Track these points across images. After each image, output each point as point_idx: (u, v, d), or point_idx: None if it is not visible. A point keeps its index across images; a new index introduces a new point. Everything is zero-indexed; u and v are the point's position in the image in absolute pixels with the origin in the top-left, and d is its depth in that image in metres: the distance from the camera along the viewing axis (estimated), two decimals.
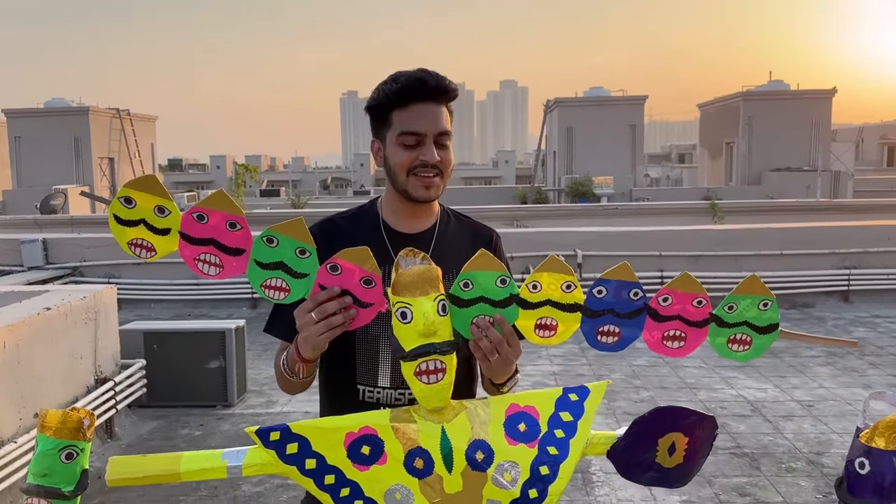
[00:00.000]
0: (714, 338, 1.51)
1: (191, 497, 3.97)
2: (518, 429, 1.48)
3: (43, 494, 1.55)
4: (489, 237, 1.75)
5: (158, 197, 1.42)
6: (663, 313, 1.48)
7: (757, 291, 1.50)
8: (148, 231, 1.43)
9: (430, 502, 1.41)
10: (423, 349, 1.38)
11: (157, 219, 1.42)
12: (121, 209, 1.42)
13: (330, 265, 1.44)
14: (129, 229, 1.43)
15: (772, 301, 1.51)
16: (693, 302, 1.48)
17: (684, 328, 1.49)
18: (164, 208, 1.42)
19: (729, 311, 1.49)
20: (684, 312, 1.48)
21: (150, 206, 1.42)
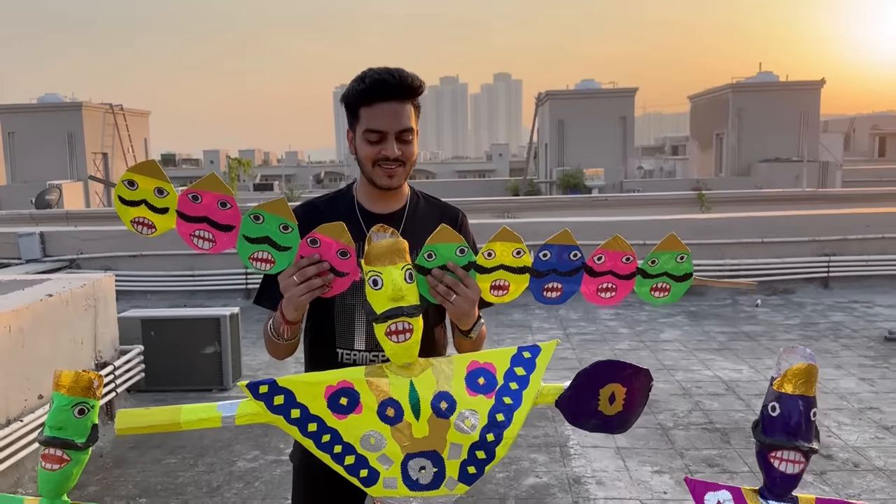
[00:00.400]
0: (640, 287, 1.73)
1: (189, 472, 4.17)
2: (478, 382, 1.68)
3: (59, 445, 1.75)
4: (455, 216, 1.96)
5: (158, 180, 1.62)
6: (598, 269, 1.70)
7: (675, 247, 1.71)
8: (149, 210, 1.63)
9: (400, 446, 1.61)
10: (393, 312, 1.59)
11: (157, 199, 1.62)
12: (124, 191, 1.62)
13: (310, 239, 1.64)
14: (131, 209, 1.63)
15: (687, 255, 1.72)
16: (622, 259, 1.70)
17: (615, 281, 1.72)
18: (163, 190, 1.62)
19: (652, 264, 1.71)
20: (615, 268, 1.70)
21: (150, 188, 1.62)
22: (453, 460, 1.62)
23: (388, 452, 1.61)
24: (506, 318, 7.93)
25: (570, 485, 3.87)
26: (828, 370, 5.83)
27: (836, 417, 4.80)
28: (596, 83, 27.48)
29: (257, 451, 4.43)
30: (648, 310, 8.21)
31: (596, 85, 27.35)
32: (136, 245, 9.40)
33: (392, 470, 1.61)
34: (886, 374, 5.71)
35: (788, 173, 21.36)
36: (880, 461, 4.11)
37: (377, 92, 1.73)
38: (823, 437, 4.46)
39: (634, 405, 1.73)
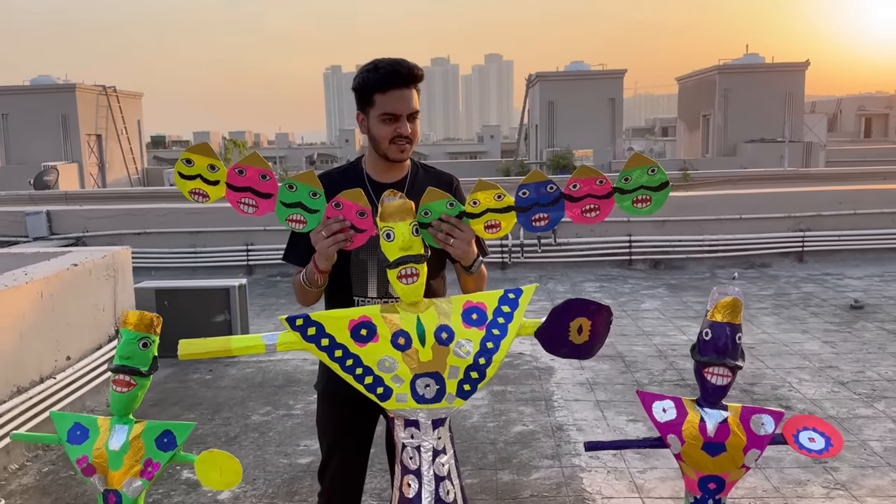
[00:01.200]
0: (621, 203, 2.02)
1: (207, 425, 4.57)
2: (471, 317, 2.08)
3: (127, 372, 2.16)
4: (450, 181, 2.34)
5: (210, 158, 2.02)
6: (576, 195, 2.02)
7: (642, 163, 2.00)
8: (203, 183, 2.02)
9: (409, 368, 2.00)
10: (402, 259, 1.98)
11: (210, 174, 2.02)
12: (183, 168, 2.01)
13: (334, 202, 2.04)
14: (189, 182, 2.02)
15: (657, 167, 2.00)
16: (596, 182, 2.01)
17: (595, 201, 2.02)
18: (214, 166, 2.01)
19: (626, 181, 2.00)
20: (592, 191, 2.01)
21: (204, 165, 2.01)
22: (452, 379, 2.01)
23: (400, 373, 1.99)
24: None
25: (553, 431, 4.30)
26: (795, 335, 6.28)
27: (797, 375, 5.24)
28: (586, 65, 27.79)
29: (269, 407, 4.84)
30: (632, 282, 8.65)
31: (586, 67, 27.66)
32: (140, 223, 9.75)
33: (403, 387, 2.00)
34: (848, 337, 6.16)
35: (773, 153, 21.80)
36: (833, 411, 4.56)
37: (391, 80, 2.10)
38: (784, 392, 4.91)
39: (598, 335, 2.13)
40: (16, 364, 4.13)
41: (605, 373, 5.35)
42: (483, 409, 4.67)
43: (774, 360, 5.59)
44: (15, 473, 3.96)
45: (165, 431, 2.18)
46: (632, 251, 9.49)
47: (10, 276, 4.37)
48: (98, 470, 2.12)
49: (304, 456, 4.07)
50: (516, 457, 3.98)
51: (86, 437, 2.17)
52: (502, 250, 9.51)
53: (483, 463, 3.91)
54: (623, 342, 6.15)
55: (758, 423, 2.00)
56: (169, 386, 5.30)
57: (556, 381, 5.18)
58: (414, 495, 1.99)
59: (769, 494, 3.54)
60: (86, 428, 2.19)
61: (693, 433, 1.99)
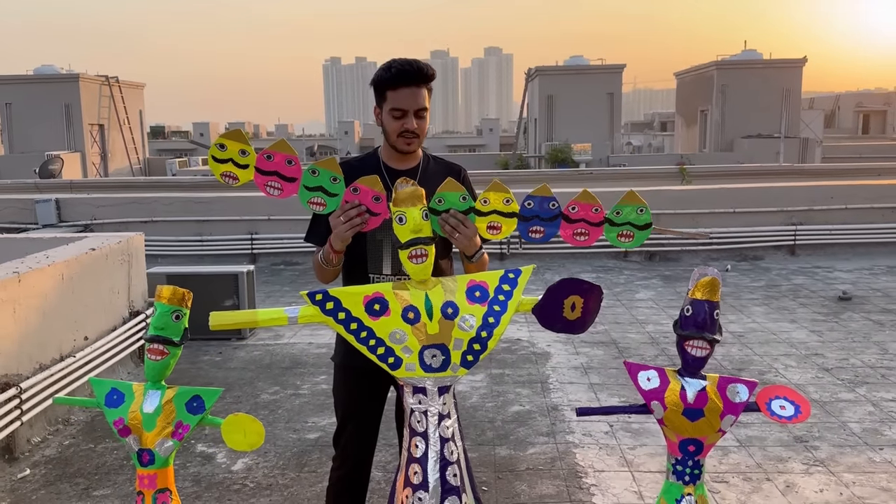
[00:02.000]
0: (608, 233, 2.27)
1: (218, 403, 4.77)
2: (475, 294, 2.29)
3: (161, 341, 2.37)
4: (458, 171, 2.56)
5: (241, 143, 2.22)
6: (573, 217, 2.27)
7: (635, 201, 2.27)
8: (234, 167, 2.23)
9: (418, 339, 2.21)
10: (413, 241, 2.19)
11: (241, 158, 2.23)
12: (217, 152, 2.22)
13: (353, 188, 2.25)
14: (221, 165, 2.23)
15: (645, 208, 2.26)
16: (592, 209, 2.27)
17: (587, 227, 2.27)
18: (245, 151, 2.22)
19: (617, 215, 2.27)
20: (587, 217, 2.27)
21: (236, 150, 2.22)
22: (457, 351, 2.22)
23: (409, 345, 2.20)
24: None
25: (549, 411, 4.52)
26: (783, 324, 6.51)
27: (784, 361, 5.47)
28: (585, 59, 27.95)
29: (277, 387, 5.06)
30: (627, 273, 8.87)
31: (585, 61, 27.82)
32: (147, 211, 9.94)
33: (412, 357, 2.21)
34: (834, 327, 6.39)
35: (770, 149, 22.01)
36: (816, 395, 4.79)
37: (401, 79, 2.32)
38: (771, 377, 5.14)
39: (590, 312, 2.33)
40: (39, 342, 4.34)
41: (599, 358, 5.57)
42: (482, 391, 4.89)
43: (762, 347, 5.82)
44: (38, 446, 4.17)
45: (195, 396, 2.39)
46: None
47: (33, 258, 4.57)
48: (133, 431, 2.33)
49: (313, 431, 4.29)
50: (513, 434, 4.20)
51: (122, 401, 2.38)
52: (501, 241, 9.72)
53: (482, 439, 4.13)
54: (617, 329, 6.37)
55: (733, 392, 2.21)
56: (181, 366, 5.50)
57: (552, 366, 5.40)
58: (421, 455, 2.20)
59: (752, 469, 3.76)
60: (122, 393, 2.40)
61: (674, 400, 2.20)
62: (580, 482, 3.63)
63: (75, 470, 3.88)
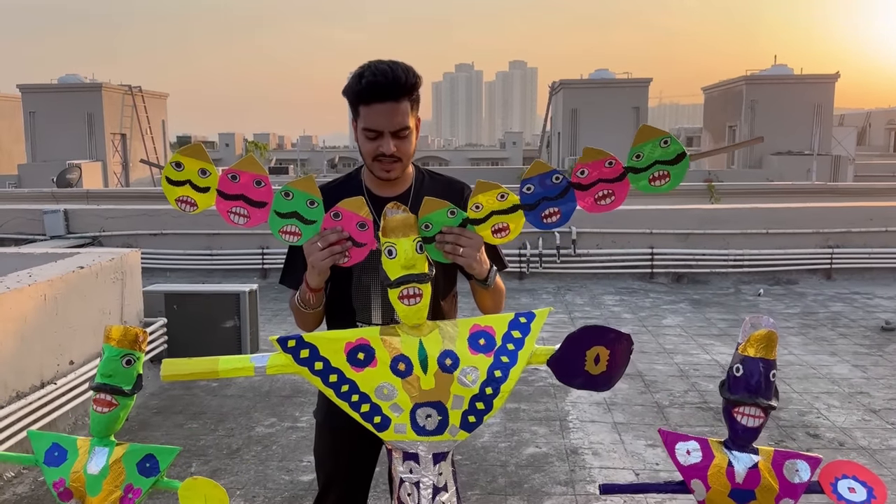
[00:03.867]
0: (636, 182, 1.80)
1: (210, 436, 4.44)
2: (478, 342, 1.91)
3: (108, 391, 2.01)
4: (460, 189, 2.15)
5: (202, 161, 1.86)
6: (586, 183, 1.81)
7: (653, 135, 1.79)
8: (192, 189, 1.86)
9: (409, 396, 1.84)
10: (405, 278, 1.82)
11: (200, 179, 1.86)
12: (171, 172, 1.85)
13: (333, 212, 1.87)
14: (177, 188, 1.86)
15: (670, 137, 1.78)
16: (605, 164, 1.80)
17: (608, 186, 1.81)
18: (206, 171, 1.85)
19: (637, 159, 1.79)
20: (602, 175, 1.80)
21: (195, 169, 1.85)
22: (456, 410, 1.84)
23: (399, 402, 1.83)
24: (513, 301, 8.16)
25: (568, 455, 4.11)
26: (823, 357, 6.03)
27: (826, 400, 5.01)
28: (610, 73, 27.51)
29: (274, 419, 4.70)
30: (653, 297, 8.42)
31: (610, 75, 27.38)
32: (157, 224, 9.69)
33: (402, 417, 1.83)
34: (879, 361, 5.91)
35: (800, 166, 21.39)
36: (864, 441, 4.33)
37: (372, 93, 1.85)
38: (812, 419, 4.68)
39: (617, 366, 1.95)
40: (16, 368, 4.02)
41: (624, 392, 5.15)
42: (495, 428, 4.49)
43: (801, 383, 5.36)
44: (10, 482, 3.85)
45: (148, 456, 2.03)
46: (654, 264, 9.25)
47: (14, 277, 4.27)
48: (75, 495, 1.98)
49: (307, 473, 3.92)
50: (527, 481, 3.79)
51: (63, 459, 2.02)
52: (520, 260, 9.32)
53: (492, 487, 3.73)
54: (643, 360, 5.93)
55: (792, 470, 1.81)
56: (174, 393, 5.18)
57: (572, 400, 4.98)
58: None
59: None
60: (64, 449, 2.04)
61: (720, 478, 1.81)
62: None
63: None
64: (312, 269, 1.87)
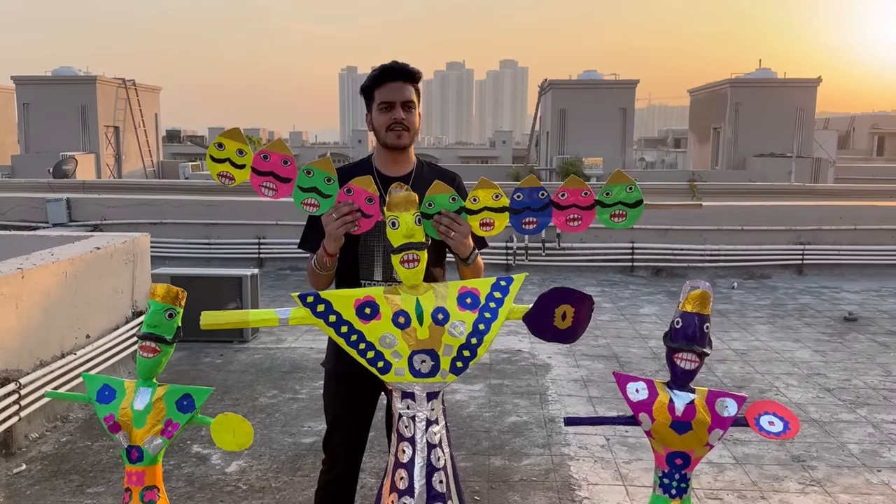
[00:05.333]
0: (601, 215, 2.27)
1: (216, 406, 4.80)
2: (466, 301, 2.29)
3: (154, 339, 2.39)
4: (452, 177, 2.57)
5: (239, 143, 2.25)
6: (563, 204, 2.27)
7: (623, 180, 2.26)
8: (231, 166, 2.25)
9: (408, 344, 2.22)
10: (406, 245, 2.20)
11: (238, 157, 2.25)
12: (215, 151, 2.24)
13: (346, 188, 2.26)
14: (218, 165, 2.25)
15: (634, 185, 2.25)
16: (581, 193, 2.26)
17: (579, 212, 2.27)
18: (243, 151, 2.24)
19: (606, 196, 2.26)
20: (577, 202, 2.26)
21: (233, 150, 2.24)
22: (446, 356, 2.22)
23: (399, 349, 2.21)
24: None
25: (546, 423, 4.51)
26: (787, 343, 6.46)
27: (786, 380, 5.43)
28: (598, 74, 27.96)
29: (276, 391, 5.07)
30: (633, 288, 8.84)
31: (599, 76, 27.84)
32: (156, 213, 10.01)
33: (401, 362, 2.21)
34: (839, 347, 6.34)
35: (782, 168, 21.90)
36: (816, 415, 4.75)
37: (386, 75, 2.41)
38: (771, 396, 5.10)
39: (581, 321, 2.33)
40: (39, 338, 4.37)
41: (600, 371, 5.55)
42: (480, 401, 4.88)
43: (764, 365, 5.78)
44: (35, 442, 4.20)
45: (185, 395, 2.41)
46: (634, 258, 9.69)
47: (38, 255, 4.62)
48: (123, 427, 2.34)
49: (308, 436, 4.30)
50: (509, 444, 4.19)
51: (113, 398, 2.39)
52: (507, 252, 9.72)
53: (477, 449, 4.12)
54: (619, 343, 6.35)
55: (722, 406, 2.20)
56: (181, 368, 5.54)
57: (552, 378, 5.39)
58: (408, 460, 2.20)
59: (747, 488, 3.74)
60: (113, 389, 2.41)
61: (663, 412, 2.20)
62: (573, 495, 3.61)
63: (70, 467, 3.90)
64: (329, 236, 2.26)
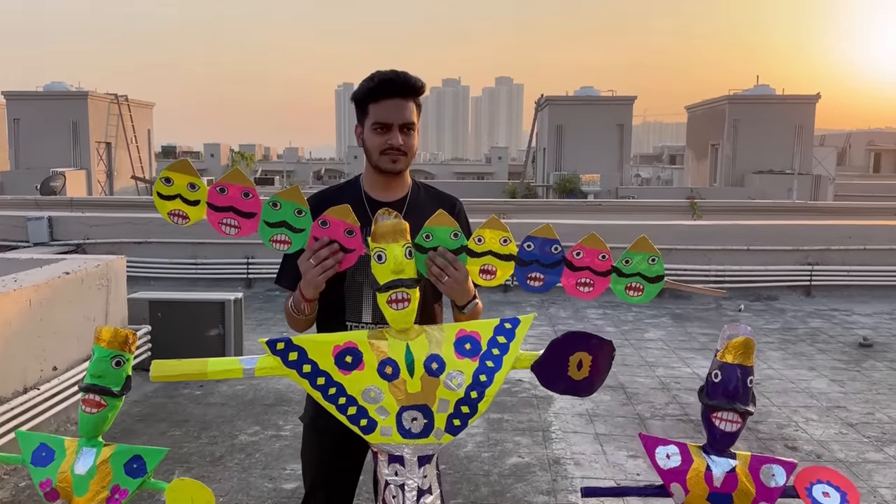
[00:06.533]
0: (615, 285, 1.95)
1: (193, 444, 4.43)
2: (464, 347, 1.94)
3: (98, 391, 2.03)
4: (452, 203, 2.22)
5: (190, 176, 1.90)
6: (577, 264, 1.95)
7: (646, 249, 1.95)
8: (183, 203, 1.91)
9: (396, 399, 1.87)
10: (393, 283, 1.86)
11: (190, 193, 1.91)
12: (162, 187, 1.90)
13: (321, 220, 1.92)
14: (168, 202, 1.91)
15: (658, 257, 1.94)
16: (599, 256, 1.94)
17: (592, 277, 1.95)
18: (195, 185, 1.90)
19: (626, 264, 1.94)
20: (592, 264, 1.94)
21: (184, 184, 1.90)
22: (441, 413, 1.88)
23: (386, 405, 1.86)
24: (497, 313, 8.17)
25: (550, 465, 4.15)
26: (802, 371, 6.12)
27: (804, 414, 5.08)
28: (595, 90, 27.81)
29: (258, 427, 4.70)
30: (635, 311, 8.50)
31: (595, 92, 27.68)
32: (142, 232, 9.66)
33: (388, 420, 1.87)
34: (857, 376, 6.00)
35: (781, 185, 21.69)
36: (841, 454, 4.40)
37: (384, 89, 2.01)
38: (791, 432, 4.75)
39: (599, 371, 1.99)
40: None
41: (606, 404, 5.20)
42: (478, 438, 4.52)
43: (780, 397, 5.43)
44: None
45: (135, 457, 2.04)
46: None
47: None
48: (62, 495, 1.99)
49: (290, 481, 3.93)
50: (510, 490, 3.82)
51: (51, 459, 2.04)
52: None
53: (475, 496, 3.76)
54: (625, 372, 5.99)
55: (768, 474, 1.86)
56: (157, 401, 5.16)
57: (555, 411, 5.03)
58: None
59: None
60: (52, 449, 2.06)
61: (698, 482, 1.85)
62: None
63: None
64: (308, 283, 1.91)
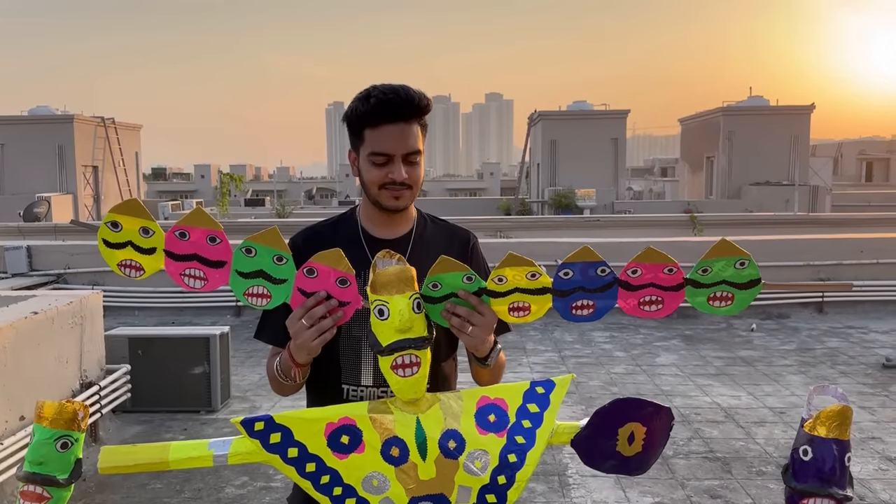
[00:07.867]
0: (693, 297, 1.55)
1: (175, 499, 4.03)
2: (488, 419, 1.58)
3: (38, 482, 1.63)
4: (466, 239, 1.84)
5: (142, 219, 1.52)
6: (635, 283, 1.54)
7: (731, 253, 1.54)
8: (135, 252, 1.53)
9: (405, 488, 1.50)
10: (399, 344, 1.48)
11: (143, 239, 1.52)
12: (108, 233, 1.52)
13: (306, 269, 1.54)
14: (117, 251, 1.53)
15: (749, 259, 1.54)
16: (664, 270, 1.54)
17: (659, 293, 1.55)
18: (148, 229, 1.52)
19: (703, 273, 1.54)
20: (657, 280, 1.53)
21: (135, 228, 1.52)
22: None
23: (392, 495, 1.50)
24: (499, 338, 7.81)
25: None
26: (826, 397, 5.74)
27: None
28: (588, 104, 27.63)
29: (246, 478, 4.30)
30: (644, 333, 8.13)
31: (588, 106, 27.51)
32: None
33: None
34: (886, 402, 5.64)
35: (778, 197, 21.45)
36: (885, 494, 4.03)
37: (383, 113, 1.63)
38: None
39: (654, 445, 1.63)
40: None
41: None
42: None
43: None
44: None
45: None
46: None
47: None
48: None
49: None
50: None
51: None
52: None
53: None
54: None
55: None
56: None
57: (571, 452, 4.60)
58: None
59: None
60: None
61: None
62: None
63: None
64: (300, 348, 1.54)
